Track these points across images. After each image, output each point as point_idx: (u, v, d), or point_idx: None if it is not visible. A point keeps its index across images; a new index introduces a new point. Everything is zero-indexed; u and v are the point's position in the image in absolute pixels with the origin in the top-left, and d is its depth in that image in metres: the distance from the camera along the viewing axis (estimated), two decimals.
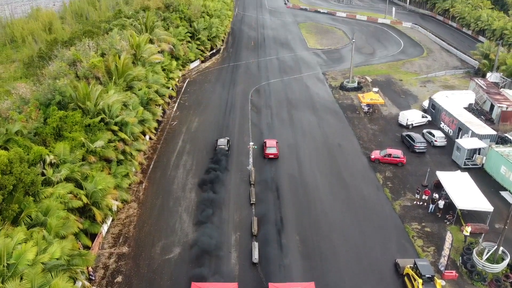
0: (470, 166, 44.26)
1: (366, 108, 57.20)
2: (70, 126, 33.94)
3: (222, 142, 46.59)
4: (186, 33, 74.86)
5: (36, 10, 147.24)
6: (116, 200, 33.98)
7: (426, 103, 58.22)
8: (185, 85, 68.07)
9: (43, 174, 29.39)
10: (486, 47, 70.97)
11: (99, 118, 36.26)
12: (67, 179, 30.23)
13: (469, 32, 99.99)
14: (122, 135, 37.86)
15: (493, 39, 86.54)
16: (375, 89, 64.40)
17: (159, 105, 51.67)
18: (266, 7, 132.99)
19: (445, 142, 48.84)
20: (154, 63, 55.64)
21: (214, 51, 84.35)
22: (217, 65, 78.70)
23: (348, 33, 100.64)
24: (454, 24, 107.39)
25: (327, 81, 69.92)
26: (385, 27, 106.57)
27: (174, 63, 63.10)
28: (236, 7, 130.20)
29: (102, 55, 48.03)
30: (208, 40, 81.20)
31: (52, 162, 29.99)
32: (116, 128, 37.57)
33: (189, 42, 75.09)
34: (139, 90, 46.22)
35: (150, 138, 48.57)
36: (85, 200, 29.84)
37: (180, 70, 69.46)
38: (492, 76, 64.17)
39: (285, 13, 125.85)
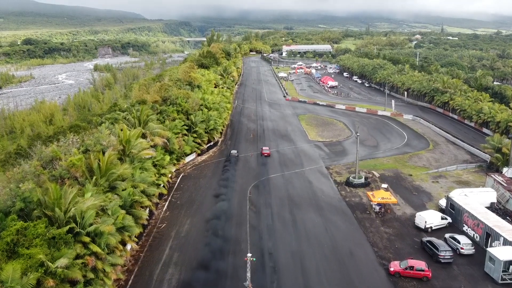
0: (509, 281, 37.36)
1: (377, 208, 51.52)
2: (29, 239, 28.07)
3: (234, 152, 74.02)
4: (183, 126, 72.19)
5: (40, 103, 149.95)
6: None
7: (442, 202, 52.75)
8: (178, 180, 63.21)
9: None
10: (497, 141, 67.66)
11: (67, 228, 30.48)
12: None
13: (472, 124, 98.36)
14: (95, 248, 31.69)
15: (498, 131, 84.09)
16: (384, 186, 59.38)
17: (146, 207, 46.05)
18: (265, 100, 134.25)
19: (473, 250, 42.35)
20: (145, 159, 51.35)
21: (211, 143, 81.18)
22: (214, 158, 74.78)
23: (349, 125, 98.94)
24: (455, 116, 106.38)
25: (331, 176, 65.20)
26: (386, 119, 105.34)
27: (167, 158, 58.94)
28: (236, 100, 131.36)
29: (86, 151, 43.83)
30: (206, 132, 78.43)
31: None
32: (87, 239, 31.58)
33: (185, 135, 72.06)
34: (123, 190, 41.06)
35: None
36: None
37: (174, 164, 65.20)
38: (509, 172, 59.57)
39: (284, 105, 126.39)
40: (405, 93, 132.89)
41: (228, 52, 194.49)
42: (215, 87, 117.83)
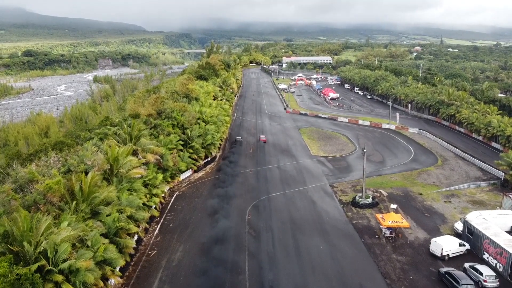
0: None
1: (387, 232, 47.23)
2: None
3: (239, 138, 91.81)
4: (178, 141, 68.26)
5: (36, 115, 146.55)
6: None
7: (458, 226, 48.46)
8: (172, 200, 59.02)
9: None
10: None
11: (36, 266, 26.32)
12: None
13: (480, 138, 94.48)
14: None
15: (508, 146, 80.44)
16: (394, 206, 55.19)
17: (134, 233, 41.78)
18: (265, 112, 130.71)
19: (498, 283, 38.02)
20: (134, 179, 47.28)
21: (209, 159, 77.17)
22: (211, 175, 70.66)
23: (353, 139, 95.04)
24: (462, 130, 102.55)
25: (336, 195, 61.00)
26: (391, 133, 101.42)
27: (160, 176, 54.80)
28: (235, 112, 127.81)
29: (68, 172, 39.80)
30: (203, 148, 74.43)
31: None
32: (60, 278, 27.39)
33: (180, 150, 68.08)
34: (107, 216, 36.93)
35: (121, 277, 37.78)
36: None
37: (168, 182, 61.09)
38: None
39: (285, 118, 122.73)
40: (409, 105, 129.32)
41: (228, 64, 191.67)
42: (214, 99, 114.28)
